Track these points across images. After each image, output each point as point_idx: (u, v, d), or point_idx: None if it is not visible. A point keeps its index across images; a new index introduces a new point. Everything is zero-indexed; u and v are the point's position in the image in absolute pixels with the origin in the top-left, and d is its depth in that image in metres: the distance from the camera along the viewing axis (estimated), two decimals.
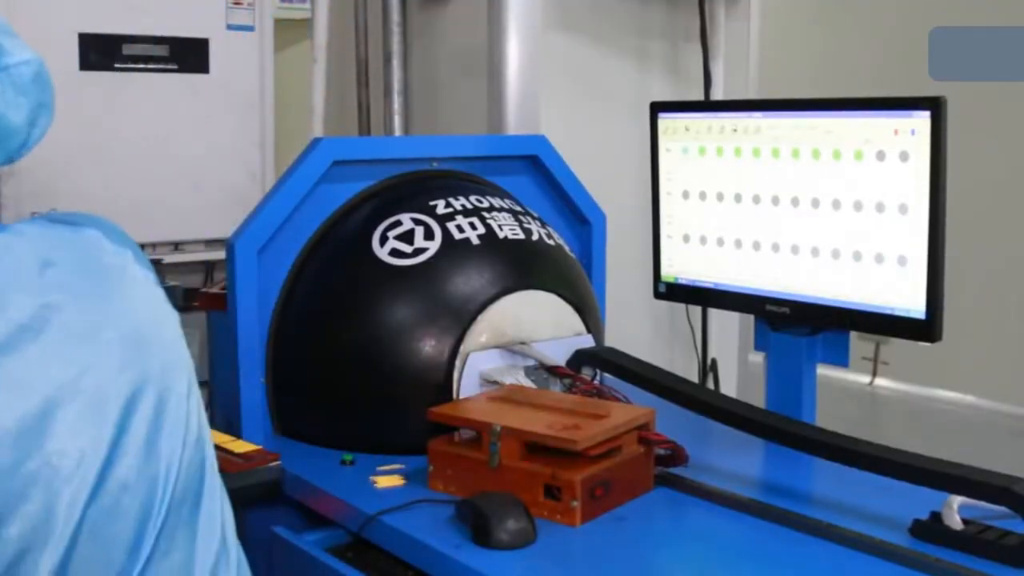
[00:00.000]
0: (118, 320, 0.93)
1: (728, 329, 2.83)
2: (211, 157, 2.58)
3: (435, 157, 1.91)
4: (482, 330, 1.67)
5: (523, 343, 1.71)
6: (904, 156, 1.49)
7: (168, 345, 0.96)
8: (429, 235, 1.71)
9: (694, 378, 2.74)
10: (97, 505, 0.86)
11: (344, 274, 1.73)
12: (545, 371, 1.71)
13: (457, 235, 1.72)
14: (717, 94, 2.74)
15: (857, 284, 1.58)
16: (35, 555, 0.82)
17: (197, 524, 0.94)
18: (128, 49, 2.46)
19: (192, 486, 0.94)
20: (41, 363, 0.87)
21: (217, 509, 0.97)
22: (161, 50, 2.49)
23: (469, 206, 1.77)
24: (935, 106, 1.46)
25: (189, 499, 0.94)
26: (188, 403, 0.96)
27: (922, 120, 1.47)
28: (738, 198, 1.73)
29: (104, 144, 2.44)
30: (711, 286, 1.80)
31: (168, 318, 0.99)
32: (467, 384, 1.64)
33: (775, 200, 1.67)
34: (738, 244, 1.74)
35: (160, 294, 1.00)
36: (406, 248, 1.70)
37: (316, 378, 1.71)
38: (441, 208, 1.76)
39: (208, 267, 2.65)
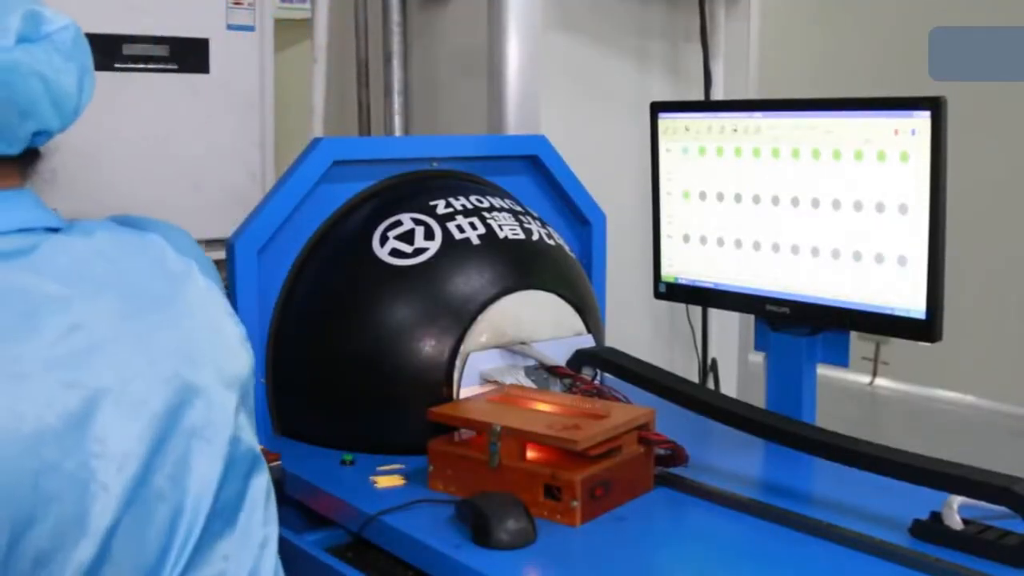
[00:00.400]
0: (173, 328, 0.93)
1: (728, 329, 2.83)
2: (211, 157, 2.58)
3: (435, 157, 1.91)
4: (482, 330, 1.67)
5: (523, 343, 1.71)
6: (904, 156, 1.49)
7: (224, 357, 0.96)
8: (429, 235, 1.71)
9: (694, 378, 2.74)
10: (131, 512, 0.85)
11: (344, 274, 1.73)
12: (545, 371, 1.71)
13: (457, 235, 1.72)
14: (717, 94, 2.74)
15: (857, 284, 1.58)
16: (65, 554, 0.82)
17: (231, 540, 0.93)
18: (128, 49, 2.45)
19: (231, 501, 0.93)
20: (90, 364, 0.86)
21: (257, 525, 0.96)
22: (161, 50, 2.49)
23: (469, 206, 1.77)
24: (935, 106, 1.46)
25: (226, 514, 0.93)
26: (236, 418, 0.95)
27: (922, 120, 1.47)
28: (738, 198, 1.73)
29: (104, 144, 2.44)
30: (711, 286, 1.80)
31: (228, 329, 0.98)
32: (467, 384, 1.64)
33: (775, 200, 1.67)
34: (738, 244, 1.74)
35: (223, 305, 0.99)
36: (406, 248, 1.70)
37: (316, 378, 1.71)
38: (441, 208, 1.76)
39: None
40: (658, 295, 1.90)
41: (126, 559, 0.85)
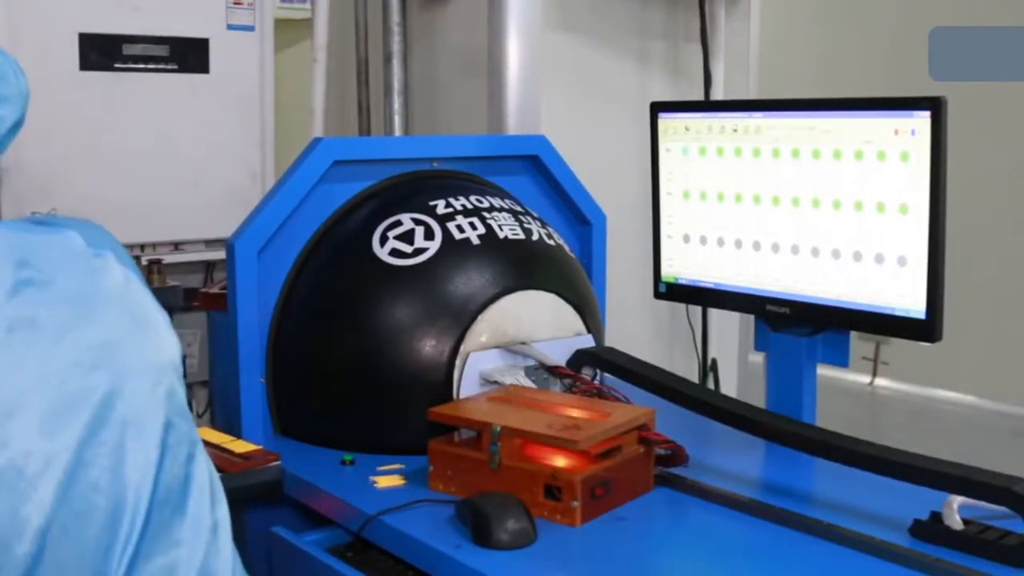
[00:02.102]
0: (92, 321, 0.92)
1: (728, 329, 2.83)
2: (211, 157, 2.58)
3: (435, 157, 1.91)
4: (482, 330, 1.67)
5: (523, 343, 1.71)
6: (904, 156, 1.49)
7: (148, 345, 0.95)
8: (429, 235, 1.71)
9: (694, 378, 2.74)
10: (67, 507, 0.85)
11: (344, 274, 1.73)
12: (545, 371, 1.71)
13: (457, 235, 1.72)
14: (717, 94, 2.74)
15: (857, 284, 1.58)
16: (1, 555, 0.82)
17: (182, 527, 0.92)
18: (128, 49, 2.46)
19: (175, 487, 0.93)
20: (9, 363, 0.86)
21: (205, 511, 0.96)
22: (161, 50, 2.49)
23: (469, 206, 1.77)
24: (935, 106, 1.46)
25: (172, 501, 0.92)
26: (169, 403, 0.94)
27: (922, 120, 1.47)
28: (738, 198, 1.73)
29: (104, 144, 2.44)
30: (711, 286, 1.80)
31: (150, 318, 0.98)
32: (467, 384, 1.64)
33: (775, 200, 1.67)
34: (738, 244, 1.74)
35: (141, 294, 0.99)
36: (406, 248, 1.70)
37: (316, 378, 1.71)
38: (441, 208, 1.76)
39: (208, 267, 2.66)
40: (658, 295, 1.90)
41: (67, 555, 0.85)
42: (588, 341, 1.80)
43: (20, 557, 0.83)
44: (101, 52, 2.42)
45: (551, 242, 1.84)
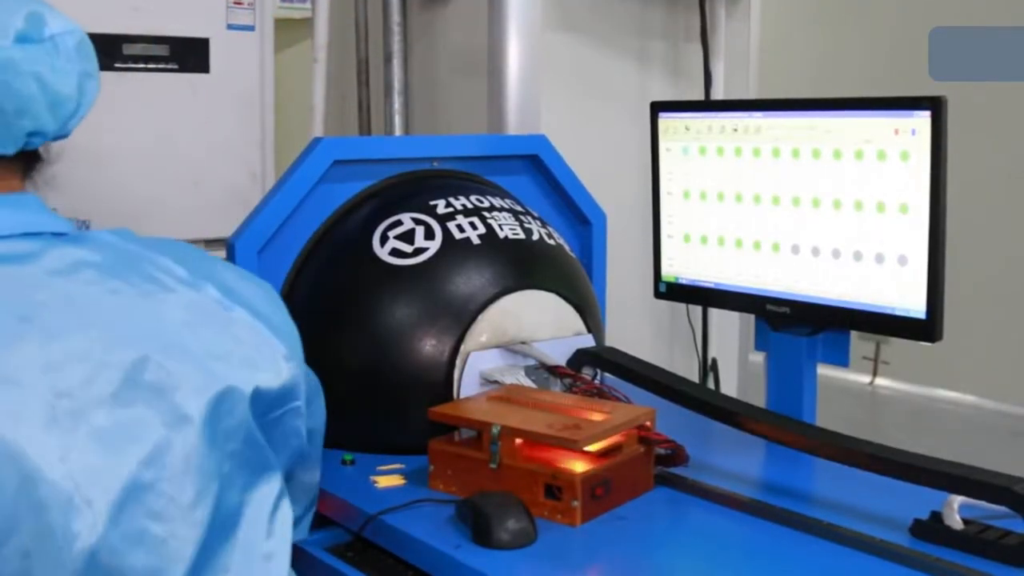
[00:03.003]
0: (163, 342, 0.92)
1: (728, 329, 2.84)
2: (211, 157, 2.58)
3: (435, 157, 1.91)
4: (482, 330, 1.67)
5: (524, 343, 1.71)
6: (905, 156, 1.49)
7: (225, 372, 0.95)
8: (429, 235, 1.71)
9: (694, 378, 2.74)
10: (119, 528, 0.84)
11: (344, 274, 1.73)
12: (546, 371, 1.71)
13: (457, 235, 1.72)
14: (717, 94, 2.74)
15: (857, 284, 1.58)
16: (49, 568, 0.81)
17: (232, 553, 0.92)
18: (128, 49, 2.45)
19: (229, 515, 0.92)
20: (82, 375, 0.86)
21: (259, 539, 0.95)
22: (161, 50, 2.49)
23: (469, 206, 1.77)
24: (936, 106, 1.46)
25: (225, 529, 0.92)
26: (234, 431, 0.94)
27: (923, 120, 1.47)
28: (739, 198, 1.73)
29: (104, 144, 2.44)
30: (712, 286, 1.80)
31: (236, 345, 0.97)
32: (467, 384, 1.64)
33: (775, 200, 1.67)
34: (738, 244, 1.74)
35: (232, 319, 0.99)
36: (406, 248, 1.70)
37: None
38: (441, 208, 1.76)
39: None
40: (658, 295, 1.90)
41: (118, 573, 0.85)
42: (588, 341, 1.80)
43: (70, 572, 0.82)
44: (101, 52, 2.39)
45: (551, 242, 1.84)
